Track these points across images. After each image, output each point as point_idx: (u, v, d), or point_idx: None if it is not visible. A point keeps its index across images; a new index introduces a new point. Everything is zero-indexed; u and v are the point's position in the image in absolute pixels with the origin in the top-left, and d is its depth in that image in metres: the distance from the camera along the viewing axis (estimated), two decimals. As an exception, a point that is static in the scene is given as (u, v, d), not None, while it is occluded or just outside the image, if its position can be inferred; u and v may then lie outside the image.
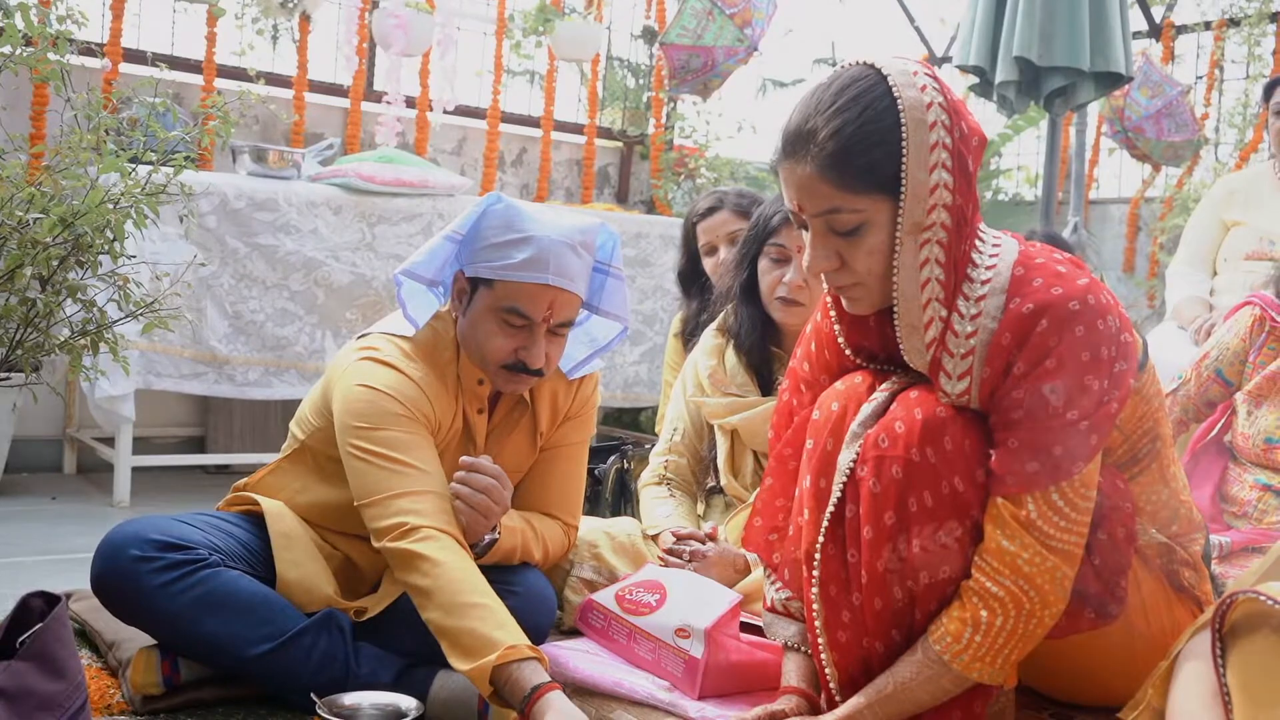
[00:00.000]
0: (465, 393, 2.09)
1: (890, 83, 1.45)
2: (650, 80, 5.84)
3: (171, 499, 3.91)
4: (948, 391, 1.47)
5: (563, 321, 2.01)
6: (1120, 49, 4.05)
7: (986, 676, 1.44)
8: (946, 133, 1.45)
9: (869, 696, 1.48)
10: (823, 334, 1.69)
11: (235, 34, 4.70)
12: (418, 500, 1.87)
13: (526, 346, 1.99)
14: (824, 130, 1.44)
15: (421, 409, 1.98)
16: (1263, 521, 2.58)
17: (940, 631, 1.45)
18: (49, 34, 2.57)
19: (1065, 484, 1.43)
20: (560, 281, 1.96)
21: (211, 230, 3.76)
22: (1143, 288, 5.66)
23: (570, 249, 1.98)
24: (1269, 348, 2.68)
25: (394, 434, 1.92)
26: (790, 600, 1.66)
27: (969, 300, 1.47)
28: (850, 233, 1.47)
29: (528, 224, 1.98)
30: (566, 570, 2.38)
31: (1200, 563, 1.67)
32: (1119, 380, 1.44)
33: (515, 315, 1.98)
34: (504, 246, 1.97)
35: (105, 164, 2.52)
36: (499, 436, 2.15)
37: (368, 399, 1.95)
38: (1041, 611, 1.43)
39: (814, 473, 1.56)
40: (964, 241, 1.49)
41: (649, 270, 4.73)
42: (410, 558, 1.82)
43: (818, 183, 1.46)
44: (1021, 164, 6.57)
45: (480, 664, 1.68)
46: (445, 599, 1.77)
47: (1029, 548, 1.42)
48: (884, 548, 1.46)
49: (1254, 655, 1.26)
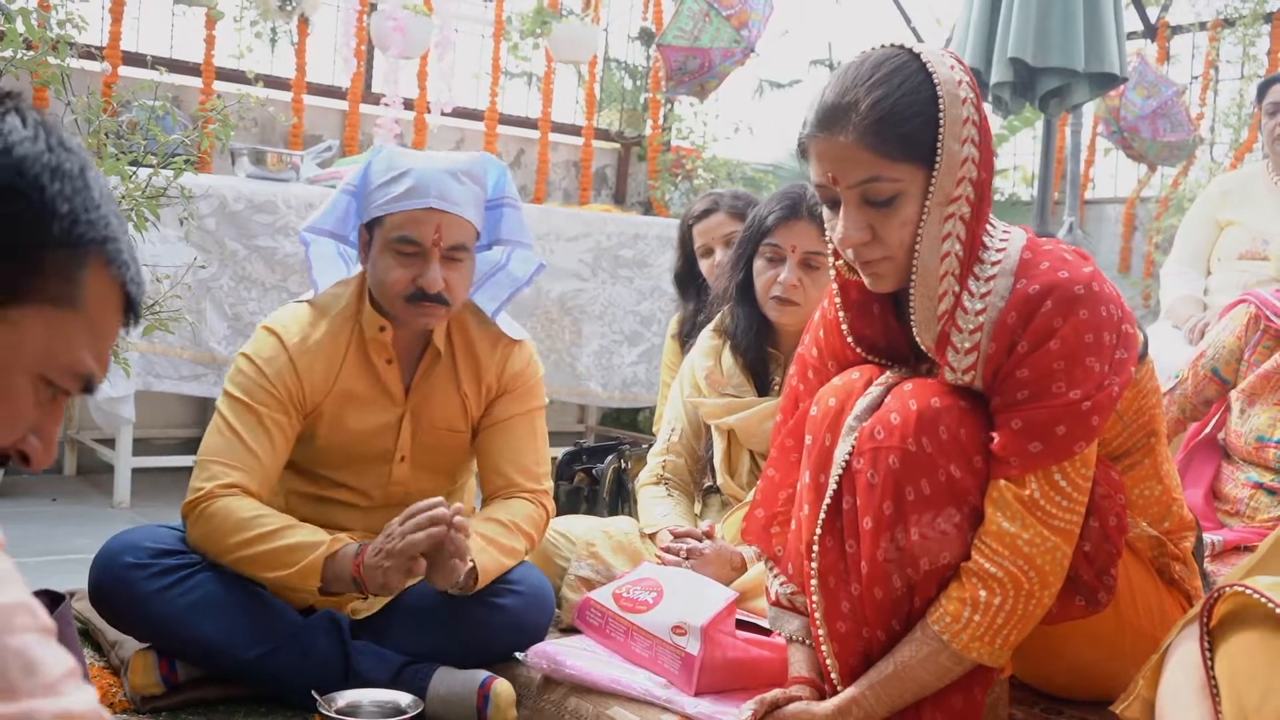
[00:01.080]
0: (370, 343, 2.15)
1: (924, 59, 1.51)
2: (647, 82, 5.85)
3: (171, 500, 3.91)
4: (954, 367, 1.50)
5: (454, 244, 2.07)
6: (1114, 50, 4.07)
7: (985, 657, 1.46)
8: (974, 109, 1.52)
9: (870, 679, 1.51)
10: (830, 321, 1.72)
11: (234, 36, 4.72)
12: (226, 471, 2.01)
13: (422, 272, 2.06)
14: (865, 101, 1.48)
15: (286, 384, 2.09)
16: (1255, 519, 2.59)
17: (939, 612, 1.47)
18: (49, 38, 2.58)
19: (1067, 463, 1.46)
20: (442, 204, 2.04)
21: (211, 232, 3.78)
22: (1138, 287, 5.68)
23: (450, 175, 2.07)
24: (1263, 346, 2.69)
25: (243, 405, 2.07)
26: (795, 595, 1.68)
27: (980, 280, 1.51)
28: (885, 203, 1.51)
29: (407, 160, 2.08)
30: (564, 569, 2.40)
31: (1190, 558, 1.69)
32: (1120, 366, 1.48)
33: (406, 244, 2.05)
34: (387, 185, 2.07)
35: (106, 167, 2.54)
36: (420, 389, 2.20)
37: (239, 367, 2.11)
38: (1041, 592, 1.46)
39: (813, 469, 1.58)
40: (982, 219, 1.54)
41: (646, 271, 4.74)
42: (200, 516, 1.97)
43: (859, 151, 1.49)
44: (1018, 164, 6.59)
45: (312, 560, 1.90)
46: (248, 533, 1.95)
47: (1030, 528, 1.45)
48: (882, 537, 1.48)
49: (1240, 648, 1.27)
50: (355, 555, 1.92)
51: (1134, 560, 1.62)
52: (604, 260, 4.65)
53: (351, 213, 2.16)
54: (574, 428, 5.39)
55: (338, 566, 1.92)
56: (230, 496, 1.98)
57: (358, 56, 4.93)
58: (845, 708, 1.52)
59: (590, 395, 4.67)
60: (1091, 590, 1.50)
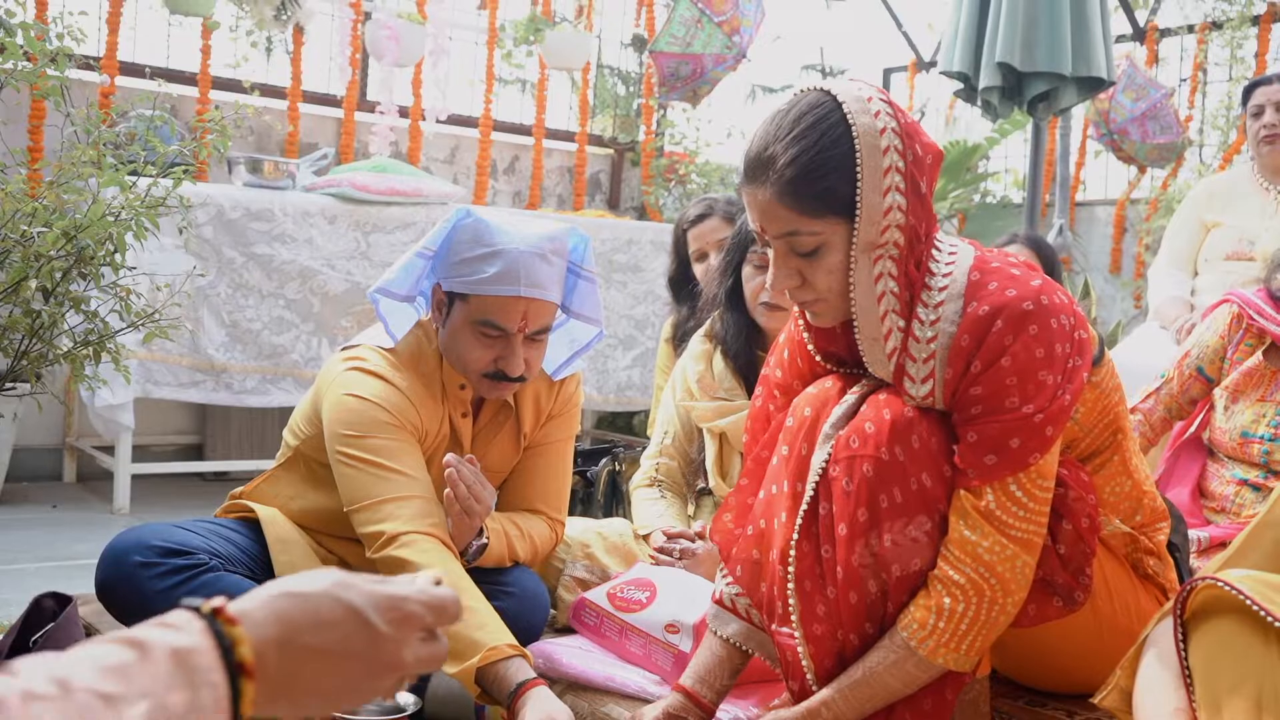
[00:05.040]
0: (450, 398, 2.13)
1: (845, 110, 1.51)
2: (640, 88, 5.89)
3: (170, 506, 3.95)
4: (913, 395, 1.54)
5: (539, 329, 2.05)
6: (1102, 54, 4.10)
7: (952, 662, 1.49)
8: (899, 156, 1.51)
9: (840, 684, 1.54)
10: (795, 341, 1.75)
11: (230, 46, 4.75)
12: (402, 505, 1.92)
13: (505, 356, 2.03)
14: (782, 157, 1.50)
15: (407, 416, 2.02)
16: (1241, 515, 2.63)
17: (908, 619, 1.50)
18: (49, 51, 2.61)
19: (1022, 475, 1.48)
20: (532, 292, 2.00)
21: (208, 241, 3.81)
22: (1129, 288, 5.72)
23: (540, 258, 2.01)
24: (1246, 344, 2.73)
25: (380, 441, 1.97)
26: (739, 596, 1.71)
27: (928, 307, 1.54)
28: (809, 254, 1.53)
29: (496, 237, 2.01)
30: (560, 569, 2.43)
31: (1164, 552, 1.72)
32: (1072, 375, 1.50)
33: (491, 328, 2.01)
34: (474, 261, 2.00)
35: (106, 178, 2.57)
36: (484, 440, 2.20)
37: (356, 408, 2.00)
38: (1003, 599, 1.49)
39: (790, 477, 1.62)
40: (918, 256, 1.55)
41: (640, 276, 4.78)
42: (394, 565, 1.87)
43: (777, 207, 1.52)
44: (1009, 167, 6.63)
45: (465, 667, 1.74)
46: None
47: (989, 536, 1.47)
48: (857, 543, 1.51)
49: (1213, 638, 1.31)
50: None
51: (1109, 557, 1.66)
52: (598, 265, 4.69)
53: (425, 274, 2.11)
54: (570, 432, 5.41)
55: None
56: (419, 546, 1.89)
57: (353, 65, 4.97)
58: (815, 710, 1.54)
59: (585, 399, 4.71)
60: (1068, 590, 1.54)
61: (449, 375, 2.12)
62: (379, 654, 0.81)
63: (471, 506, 1.97)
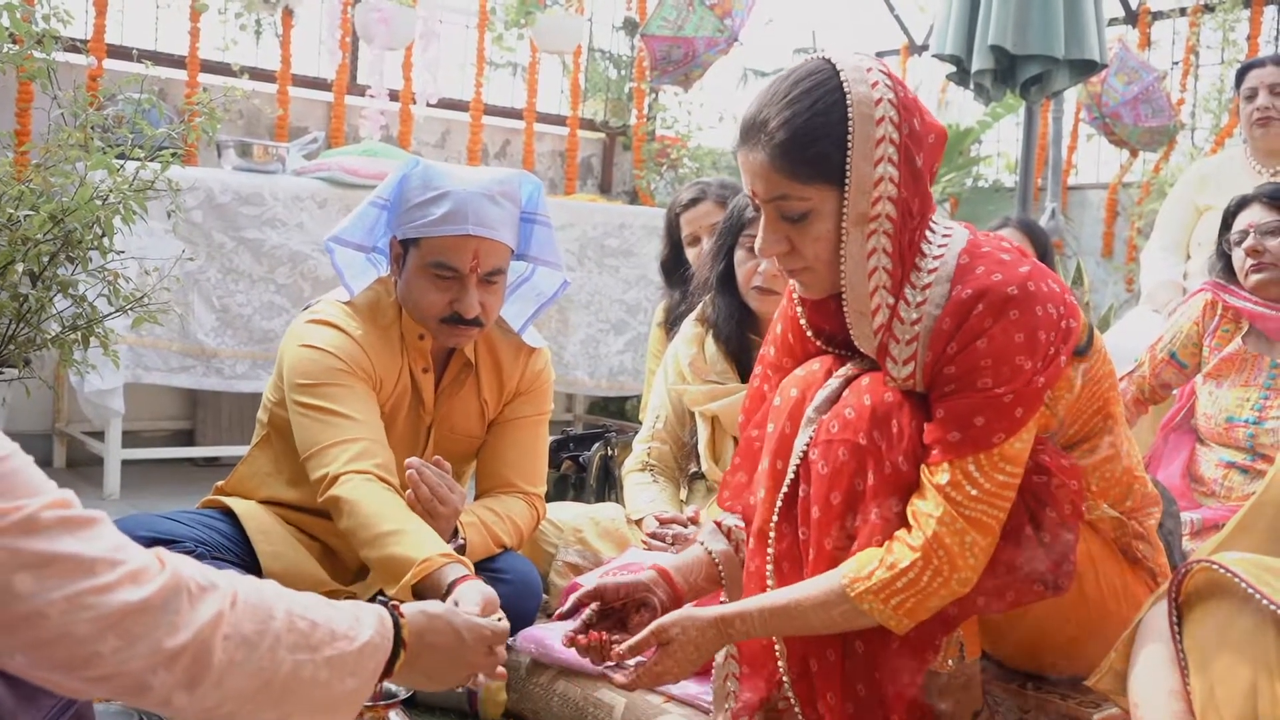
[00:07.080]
0: (409, 350, 2.15)
1: (842, 78, 1.50)
2: (632, 71, 5.87)
3: (161, 492, 3.94)
4: (894, 375, 1.53)
5: (491, 270, 2.07)
6: (1094, 36, 4.10)
7: (876, 613, 1.47)
8: (894, 128, 1.50)
9: (762, 602, 1.54)
10: (788, 317, 1.75)
11: (218, 29, 4.72)
12: (345, 448, 1.96)
13: (459, 298, 2.06)
14: (775, 120, 1.50)
15: (359, 363, 2.06)
16: (1230, 498, 2.65)
17: (852, 564, 1.49)
18: (35, 33, 2.59)
19: (983, 455, 1.47)
20: (480, 230, 2.03)
21: (198, 225, 3.79)
22: (1121, 272, 5.72)
23: (488, 199, 2.05)
24: (1223, 330, 2.77)
25: (331, 388, 2.02)
26: (738, 528, 1.73)
27: (916, 288, 1.53)
28: (798, 219, 1.53)
29: (444, 180, 2.05)
30: (552, 555, 2.43)
31: (1154, 536, 1.72)
32: (1050, 361, 1.49)
33: (443, 269, 2.05)
34: (424, 205, 2.05)
35: (93, 161, 2.55)
36: (447, 399, 2.22)
37: (310, 357, 2.05)
38: (949, 573, 1.46)
39: (772, 455, 1.63)
40: (911, 233, 1.54)
41: (632, 260, 4.77)
42: (334, 505, 1.92)
43: (768, 170, 1.52)
44: (1001, 150, 6.62)
45: (402, 584, 1.78)
46: (365, 534, 1.87)
47: (940, 507, 1.46)
48: (832, 526, 1.52)
49: (1208, 621, 1.31)
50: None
51: (1097, 541, 1.65)
52: (590, 250, 4.68)
53: (381, 224, 2.14)
54: (561, 416, 5.42)
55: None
56: (352, 484, 1.93)
57: (342, 48, 4.94)
58: (729, 619, 1.54)
59: (577, 384, 4.70)
60: (1051, 577, 1.52)
61: (408, 326, 2.15)
62: (463, 656, 1.36)
63: (435, 509, 1.97)
